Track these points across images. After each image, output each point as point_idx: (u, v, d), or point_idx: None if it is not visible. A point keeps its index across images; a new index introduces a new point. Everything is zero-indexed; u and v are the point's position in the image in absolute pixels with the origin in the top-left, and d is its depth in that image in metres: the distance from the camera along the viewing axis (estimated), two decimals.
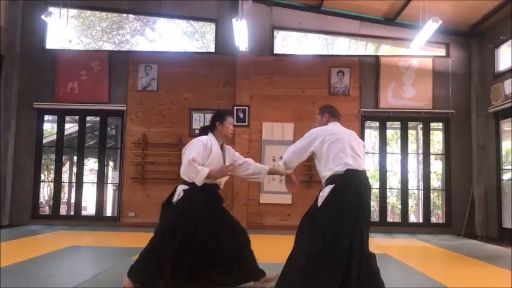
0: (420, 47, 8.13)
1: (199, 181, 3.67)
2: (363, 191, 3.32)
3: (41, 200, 11.40)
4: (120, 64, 9.61)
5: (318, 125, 3.75)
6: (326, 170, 3.41)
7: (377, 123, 9.95)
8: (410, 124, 10.12)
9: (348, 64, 9.52)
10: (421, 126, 10.13)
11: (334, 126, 3.61)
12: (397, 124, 10.12)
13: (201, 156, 3.71)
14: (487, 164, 8.96)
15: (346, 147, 3.38)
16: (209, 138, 3.85)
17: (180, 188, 3.80)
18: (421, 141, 10.22)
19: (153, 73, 9.56)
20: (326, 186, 3.37)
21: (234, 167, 3.92)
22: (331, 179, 3.33)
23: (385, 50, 11.89)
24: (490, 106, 8.74)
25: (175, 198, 3.80)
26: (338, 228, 3.13)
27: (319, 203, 3.31)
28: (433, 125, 9.97)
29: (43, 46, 9.78)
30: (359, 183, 3.32)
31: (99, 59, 9.62)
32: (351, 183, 3.27)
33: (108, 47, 13.80)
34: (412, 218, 11.28)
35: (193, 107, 9.50)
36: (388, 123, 10.00)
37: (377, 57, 9.75)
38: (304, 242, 3.26)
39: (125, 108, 9.48)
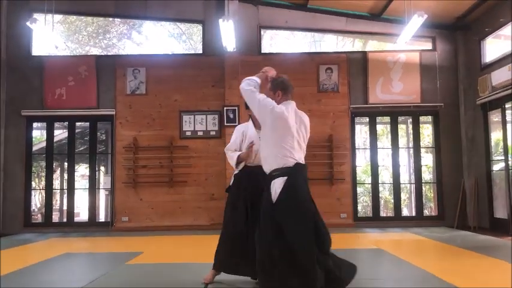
0: (407, 42, 8.17)
1: (234, 165, 4.10)
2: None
3: (33, 207, 11.29)
4: (107, 68, 9.55)
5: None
6: (275, 159, 3.35)
7: (367, 119, 10.00)
8: (400, 118, 10.17)
9: (336, 61, 9.55)
10: (410, 120, 10.19)
11: (287, 106, 3.46)
12: (387, 119, 10.17)
13: (236, 143, 4.15)
14: (477, 156, 9.04)
15: (295, 139, 3.41)
16: (246, 124, 4.27)
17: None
18: (411, 135, 10.29)
19: (141, 76, 9.52)
20: (277, 178, 3.32)
21: (254, 143, 3.99)
22: (281, 171, 3.32)
23: (372, 45, 11.94)
24: (478, 98, 8.81)
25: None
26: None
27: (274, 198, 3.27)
28: (422, 118, 10.03)
29: (29, 53, 9.69)
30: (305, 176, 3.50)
31: (86, 64, 9.55)
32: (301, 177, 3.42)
33: (95, 51, 13.72)
34: (405, 212, 11.35)
35: (183, 109, 9.47)
36: (378, 119, 10.04)
37: (364, 53, 9.79)
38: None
39: (114, 112, 9.43)
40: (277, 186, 3.27)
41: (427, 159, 11.33)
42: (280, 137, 3.33)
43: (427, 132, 12.21)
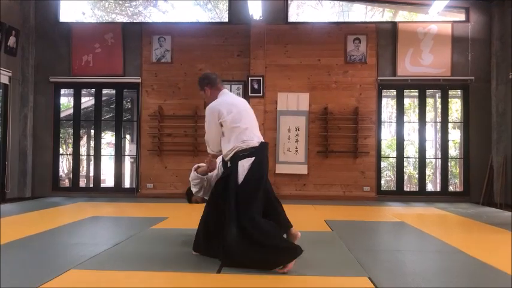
0: (439, 12, 7.91)
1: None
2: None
3: (61, 173, 11.60)
4: (133, 36, 9.57)
5: (207, 101, 3.83)
6: (237, 142, 3.57)
7: (394, 92, 9.81)
8: (428, 92, 9.94)
9: (364, 31, 9.33)
10: (439, 94, 9.95)
11: (228, 97, 3.76)
12: (415, 92, 9.94)
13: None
14: (507, 131, 8.80)
15: (248, 118, 3.66)
16: None
17: None
18: (439, 110, 10.07)
19: (167, 44, 9.51)
20: (243, 159, 3.53)
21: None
22: (247, 151, 3.54)
23: (402, 16, 11.60)
24: (511, 72, 8.52)
25: None
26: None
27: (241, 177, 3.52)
28: (451, 92, 9.78)
29: (57, 19, 9.77)
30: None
31: (113, 31, 9.58)
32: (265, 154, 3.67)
33: (121, 19, 13.73)
34: (430, 187, 11.23)
35: None
36: (406, 92, 9.84)
37: (394, 23, 9.53)
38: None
39: (139, 80, 9.49)
40: (245, 165, 3.51)
41: (454, 135, 11.12)
42: (235, 128, 3.57)
43: (455, 107, 11.94)
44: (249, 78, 9.20)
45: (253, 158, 3.52)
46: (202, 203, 4.25)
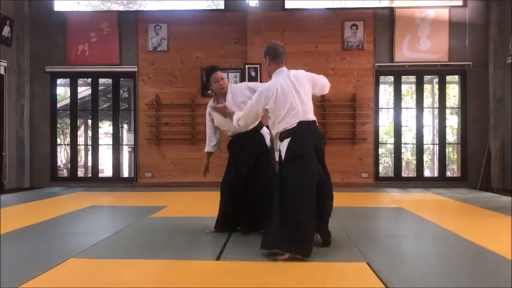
0: None
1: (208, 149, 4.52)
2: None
3: (59, 163, 11.60)
4: (129, 25, 9.50)
5: (265, 69, 3.97)
6: (280, 125, 3.56)
7: (392, 78, 9.79)
8: (425, 78, 9.93)
9: (361, 17, 9.27)
10: (436, 80, 9.94)
11: (279, 79, 3.63)
12: (412, 78, 9.93)
13: (209, 127, 4.47)
14: (504, 117, 8.81)
15: (294, 103, 3.55)
16: (209, 105, 4.42)
17: None
18: (436, 96, 10.07)
19: (163, 33, 9.44)
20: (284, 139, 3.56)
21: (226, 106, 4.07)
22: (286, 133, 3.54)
23: (399, 1, 11.51)
24: (509, 57, 8.50)
25: None
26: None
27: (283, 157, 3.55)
28: (449, 78, 9.77)
29: (51, 8, 9.68)
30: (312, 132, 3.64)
31: (108, 20, 9.49)
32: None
33: (116, 7, 13.57)
34: (427, 173, 11.26)
35: (205, 66, 9.36)
36: (403, 78, 9.82)
37: (391, 9, 9.45)
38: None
39: (136, 69, 9.44)
40: (283, 147, 3.53)
41: (452, 121, 11.13)
42: (278, 115, 3.55)
43: (452, 92, 11.94)
44: (246, 66, 9.16)
45: (289, 139, 3.51)
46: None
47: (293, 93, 3.57)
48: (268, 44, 3.89)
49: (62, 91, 13.55)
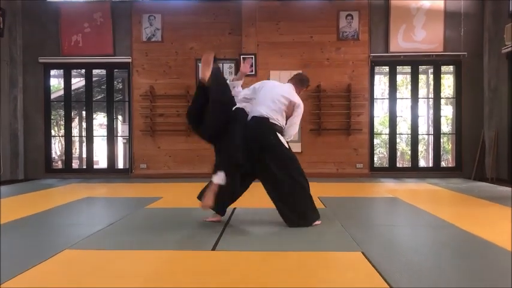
0: None
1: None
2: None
3: (53, 155, 11.54)
4: (123, 15, 9.43)
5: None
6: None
7: (387, 69, 9.78)
8: (420, 68, 9.93)
9: (356, 7, 9.24)
10: (431, 70, 9.94)
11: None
12: (407, 69, 9.94)
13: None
14: (499, 107, 8.84)
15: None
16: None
17: None
18: (431, 86, 10.08)
19: (157, 23, 9.38)
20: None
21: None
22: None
23: None
24: (504, 47, 8.50)
25: None
26: None
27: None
28: (444, 68, 9.78)
29: None
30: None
31: (102, 11, 9.42)
32: None
33: None
34: (422, 163, 11.31)
35: (199, 57, 9.34)
36: (398, 68, 9.82)
37: None
38: None
39: (130, 60, 9.38)
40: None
41: (447, 111, 11.15)
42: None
43: (447, 83, 11.95)
44: (241, 57, 9.12)
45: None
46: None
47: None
48: (304, 76, 4.56)
49: (56, 82, 13.46)
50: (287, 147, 4.19)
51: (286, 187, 4.00)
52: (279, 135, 4.15)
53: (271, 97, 4.18)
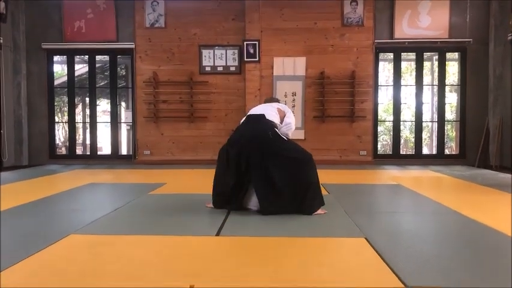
0: None
1: None
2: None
3: (57, 141, 11.57)
4: (126, 1, 9.36)
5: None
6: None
7: (391, 55, 9.72)
8: (425, 55, 9.86)
9: None
10: (436, 57, 9.87)
11: None
12: (412, 56, 9.87)
13: None
14: (504, 94, 8.79)
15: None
16: None
17: None
18: (435, 73, 10.02)
19: (160, 9, 9.32)
20: None
21: None
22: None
23: None
24: (510, 34, 8.42)
25: None
26: None
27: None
28: (449, 55, 9.71)
29: None
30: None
31: None
32: None
33: None
34: (426, 150, 11.29)
35: (202, 43, 9.32)
36: (403, 55, 9.75)
37: None
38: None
39: (133, 46, 9.35)
40: None
41: (451, 98, 11.10)
42: None
43: (452, 70, 11.87)
44: (245, 43, 9.07)
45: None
46: None
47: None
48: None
49: (59, 69, 13.44)
50: (286, 139, 4.24)
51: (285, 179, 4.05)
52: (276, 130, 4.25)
53: (262, 107, 4.50)
